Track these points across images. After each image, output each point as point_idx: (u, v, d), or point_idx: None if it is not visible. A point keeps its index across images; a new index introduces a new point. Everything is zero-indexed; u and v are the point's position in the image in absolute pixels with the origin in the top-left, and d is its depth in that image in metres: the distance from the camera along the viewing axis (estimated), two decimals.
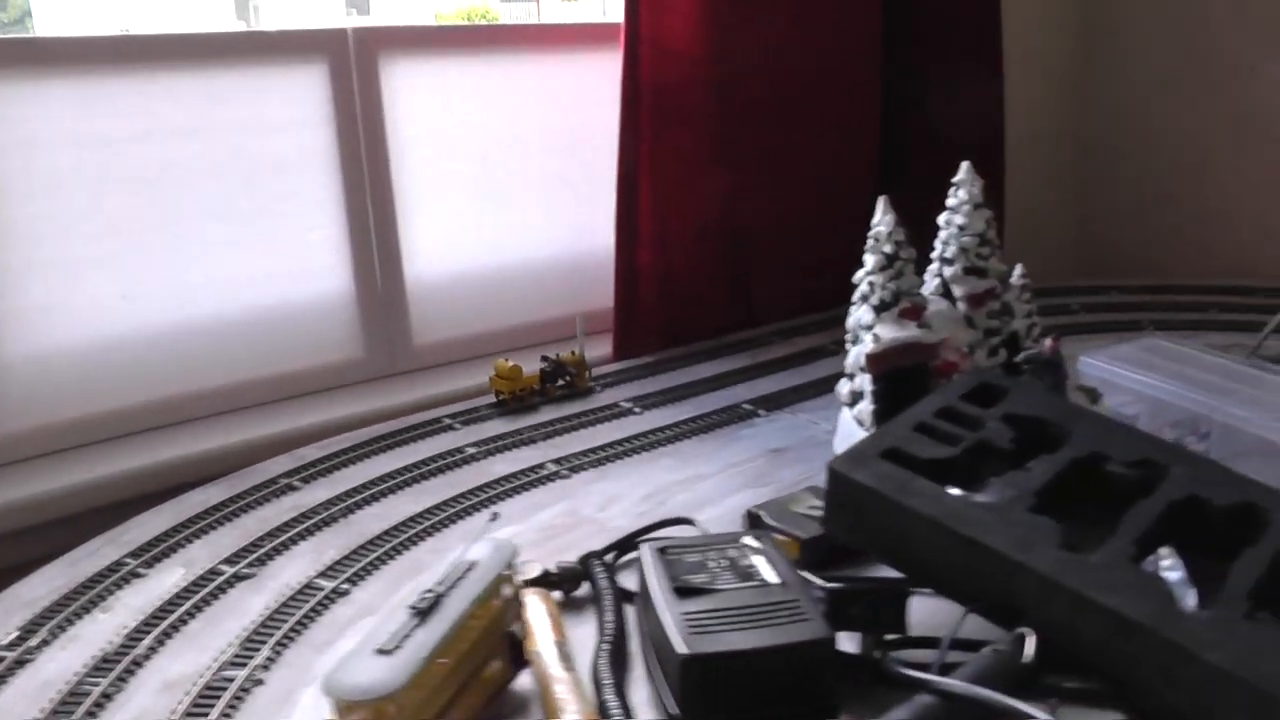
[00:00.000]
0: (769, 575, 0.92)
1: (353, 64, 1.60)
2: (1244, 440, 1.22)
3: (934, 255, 1.29)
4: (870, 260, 1.22)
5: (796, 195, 1.89)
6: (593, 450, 1.40)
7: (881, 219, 1.21)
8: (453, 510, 1.24)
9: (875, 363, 1.19)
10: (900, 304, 1.22)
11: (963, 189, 1.26)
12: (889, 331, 1.20)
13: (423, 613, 0.82)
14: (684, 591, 0.90)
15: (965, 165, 1.27)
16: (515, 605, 0.92)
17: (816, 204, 1.90)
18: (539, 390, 1.55)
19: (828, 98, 1.88)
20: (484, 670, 0.87)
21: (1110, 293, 2.00)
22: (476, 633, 0.85)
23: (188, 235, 1.51)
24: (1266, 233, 2.17)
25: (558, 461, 1.36)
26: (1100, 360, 1.39)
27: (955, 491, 0.97)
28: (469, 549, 0.89)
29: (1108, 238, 2.43)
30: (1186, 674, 0.79)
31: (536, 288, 1.84)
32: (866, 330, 1.22)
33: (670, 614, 0.87)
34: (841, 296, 1.29)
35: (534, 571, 1.03)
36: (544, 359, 1.53)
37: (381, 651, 0.78)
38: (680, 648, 0.83)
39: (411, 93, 1.66)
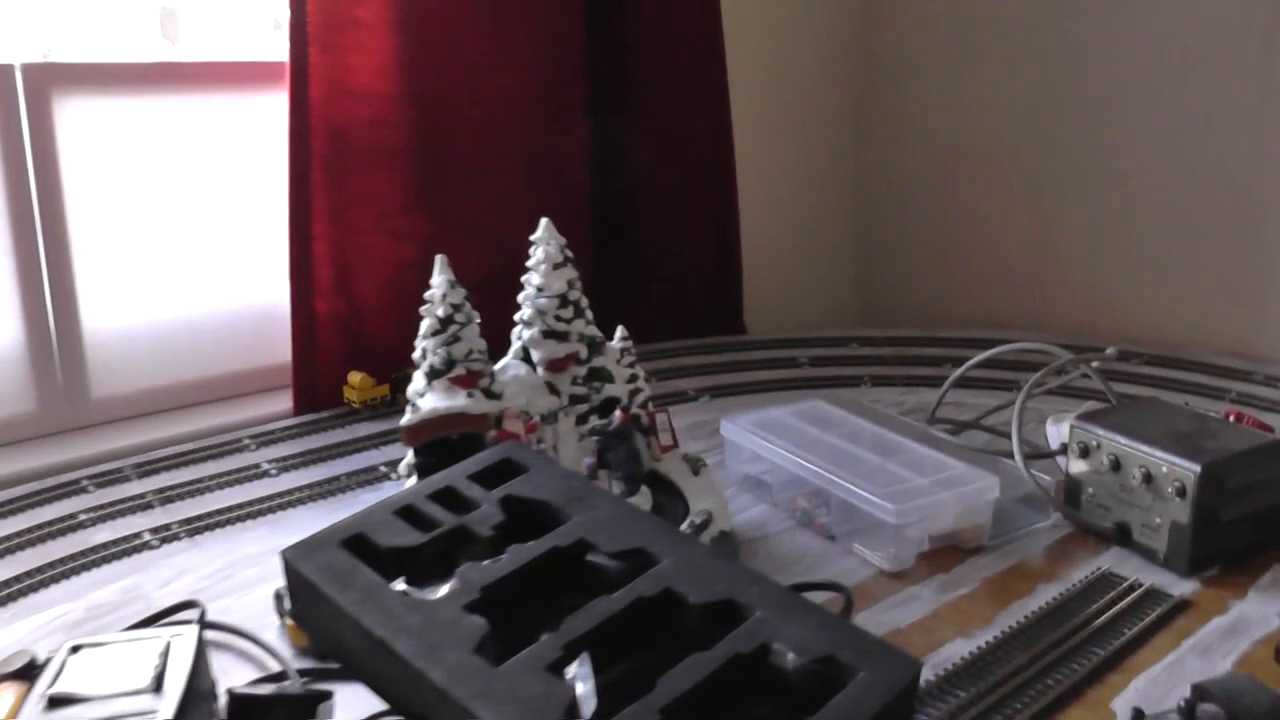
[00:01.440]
0: (162, 680, 0.86)
1: (21, 102, 1.52)
2: (859, 516, 1.19)
3: (516, 317, 1.18)
4: (424, 324, 1.12)
5: (504, 238, 1.75)
6: (214, 513, 1.35)
7: (437, 279, 1.12)
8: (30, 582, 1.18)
9: (410, 435, 1.10)
10: (454, 370, 1.11)
11: (541, 247, 1.18)
12: (432, 401, 1.11)
13: None
14: (57, 702, 0.83)
15: (544, 222, 1.18)
16: None
17: (522, 253, 1.77)
18: (390, 400, 1.64)
19: (536, 136, 1.81)
20: None
21: (851, 344, 1.94)
22: None
23: None
24: (1046, 287, 2.13)
25: (157, 530, 1.31)
26: (741, 425, 1.35)
27: (401, 586, 0.90)
28: None
29: (889, 287, 2.36)
30: None
31: (222, 338, 1.76)
32: (420, 398, 1.11)
33: None
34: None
35: (19, 661, 0.95)
36: (396, 371, 1.59)
37: None
38: None
39: (90, 132, 1.59)
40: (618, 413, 1.17)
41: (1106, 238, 2.01)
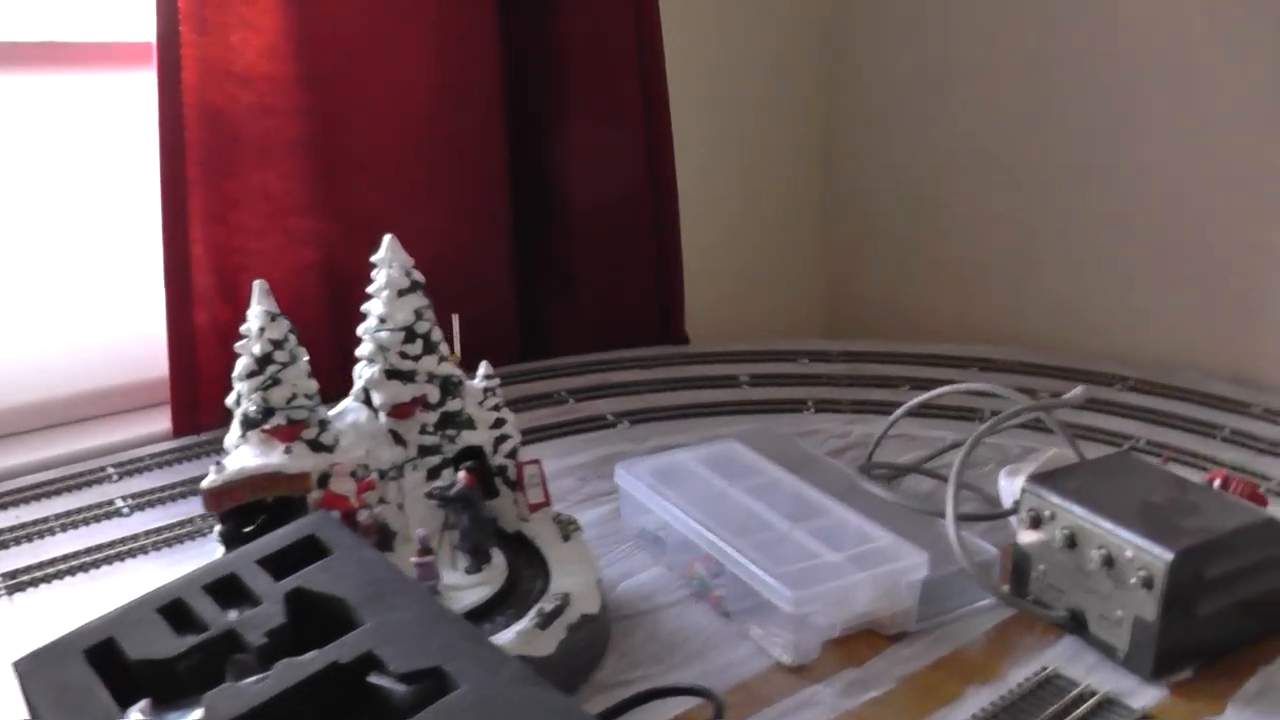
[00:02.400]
0: None
1: None
2: (749, 596, 1.00)
3: (357, 352, 0.97)
4: (239, 363, 0.91)
5: (414, 240, 1.54)
6: (45, 564, 1.18)
7: (254, 310, 0.93)
8: None
9: (212, 499, 0.92)
10: (272, 420, 0.90)
11: (383, 269, 0.96)
12: (241, 458, 0.90)
13: None
14: None
15: (388, 239, 0.96)
16: None
17: (441, 248, 1.57)
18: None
19: (448, 126, 1.62)
20: None
21: (800, 359, 1.74)
22: None
23: None
24: (1021, 297, 1.91)
25: None
26: (637, 472, 1.16)
27: (138, 715, 0.73)
28: None
29: (857, 293, 2.16)
30: None
31: (95, 350, 1.58)
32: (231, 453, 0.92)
33: None
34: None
35: None
36: None
37: None
38: None
39: None
40: (461, 473, 0.96)
41: (1092, 243, 1.79)
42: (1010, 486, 1.15)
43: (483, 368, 1.05)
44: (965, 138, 1.90)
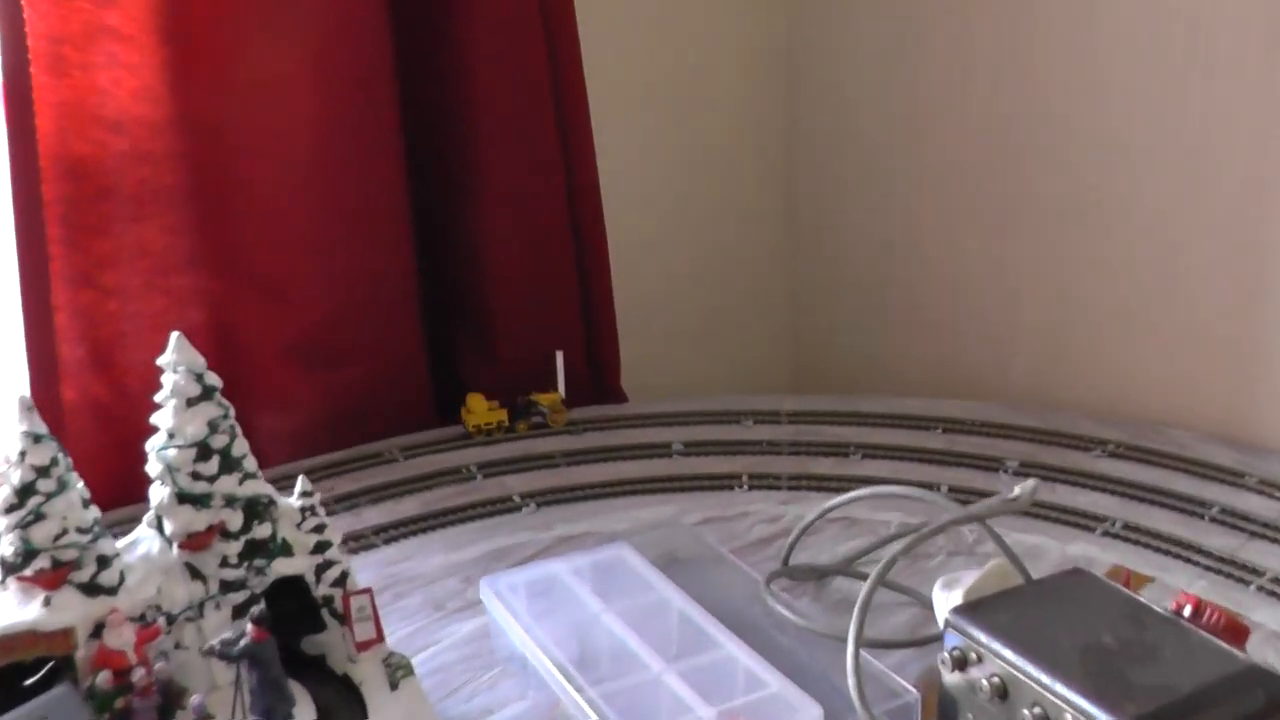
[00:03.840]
0: None
1: None
2: None
3: (147, 468, 0.79)
4: None
5: (309, 298, 1.47)
6: None
7: (14, 431, 0.76)
8: None
9: None
10: (35, 563, 0.73)
11: (169, 374, 0.78)
12: None
13: None
14: None
15: (174, 337, 0.79)
16: None
17: (339, 303, 1.50)
18: (509, 427, 1.50)
19: (341, 170, 1.46)
20: None
21: (744, 420, 1.57)
22: None
23: None
24: (999, 347, 1.73)
25: None
26: (502, 587, 1.00)
27: None
28: None
29: (828, 345, 1.97)
30: None
31: None
32: None
33: None
34: (346, 436, 1.17)
35: None
36: (519, 396, 1.47)
37: None
38: None
39: None
40: (249, 626, 0.77)
41: (1076, 285, 1.60)
42: (947, 599, 0.96)
43: (300, 483, 0.87)
44: (938, 175, 1.72)
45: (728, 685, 0.85)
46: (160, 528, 0.85)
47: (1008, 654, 0.81)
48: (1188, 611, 0.86)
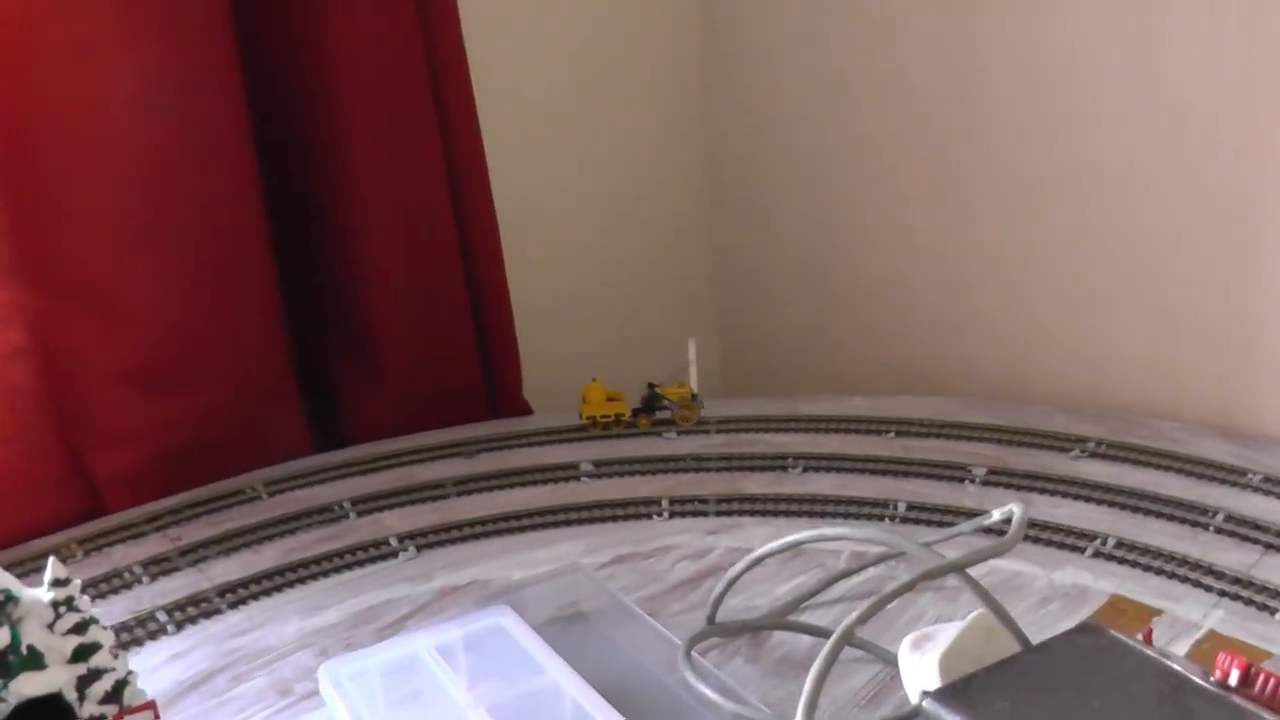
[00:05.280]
0: None
1: None
2: None
3: None
4: None
5: (143, 312, 1.24)
6: None
7: None
8: None
9: None
10: None
11: None
12: None
13: None
14: None
15: None
16: None
17: (184, 319, 1.28)
18: (629, 420, 1.33)
19: (175, 158, 1.22)
20: None
21: (666, 434, 1.35)
22: None
23: None
24: (955, 335, 1.52)
25: None
26: (345, 673, 0.80)
27: None
28: None
29: (761, 341, 1.76)
30: None
31: None
32: None
33: None
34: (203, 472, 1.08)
35: None
36: (650, 386, 1.31)
37: None
38: None
39: None
40: None
41: (1041, 262, 1.40)
42: (913, 672, 0.73)
43: (50, 568, 0.62)
44: (877, 148, 1.52)
45: None
46: None
47: None
48: (1234, 679, 0.63)
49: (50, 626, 0.66)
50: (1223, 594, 0.96)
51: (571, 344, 1.59)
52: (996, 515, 0.80)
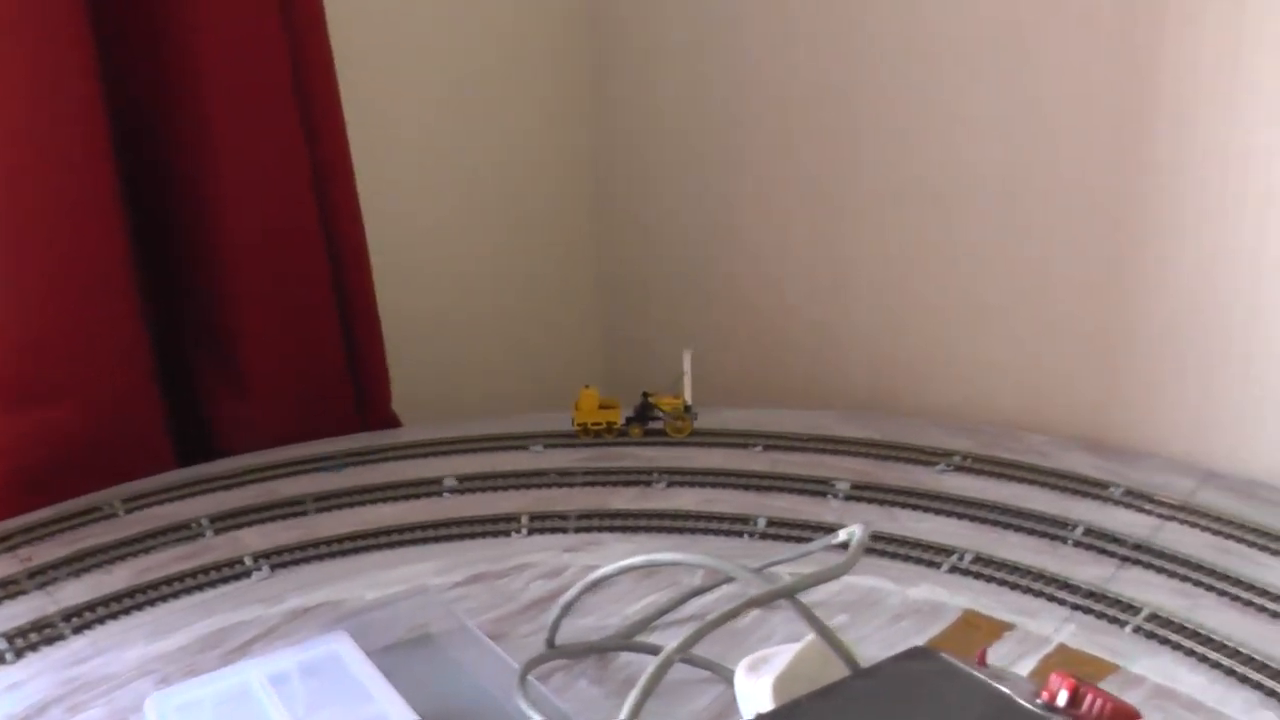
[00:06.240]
0: None
1: None
2: None
3: None
4: None
5: None
6: None
7: None
8: None
9: None
10: None
11: None
12: None
13: None
14: None
15: None
16: None
17: (28, 329, 1.23)
18: (621, 429, 1.30)
19: (27, 149, 1.17)
20: None
21: (533, 445, 1.33)
22: None
23: None
24: (832, 344, 1.52)
25: None
26: (171, 706, 0.78)
27: None
28: None
29: (645, 351, 1.74)
30: None
31: None
32: None
33: None
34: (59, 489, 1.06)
35: None
36: (644, 395, 1.27)
37: None
38: None
39: None
40: None
41: (916, 275, 1.40)
42: (748, 695, 0.72)
43: None
44: (758, 158, 1.51)
45: None
46: None
47: None
48: (1063, 699, 0.63)
49: None
50: (1076, 607, 0.96)
51: (450, 354, 1.56)
52: (843, 535, 0.79)
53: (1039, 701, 0.65)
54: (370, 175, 1.37)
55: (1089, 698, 0.65)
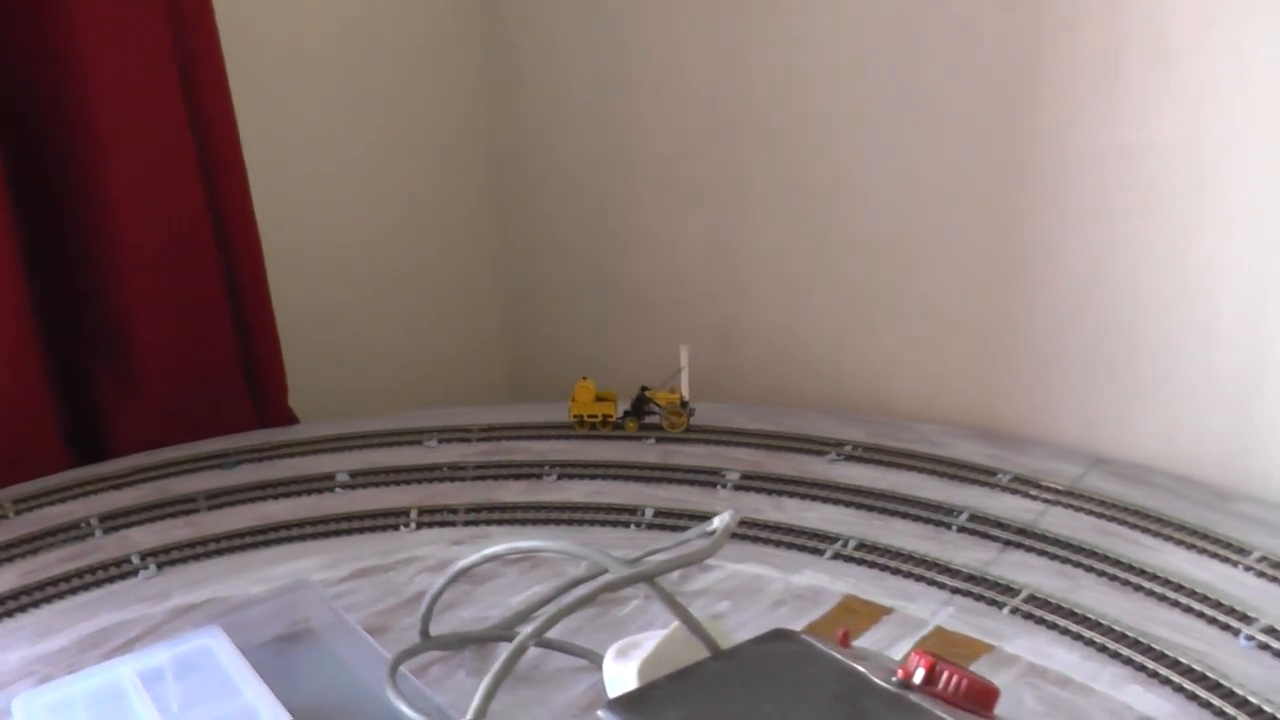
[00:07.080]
0: None
1: None
2: None
3: None
4: None
5: None
6: None
7: None
8: None
9: None
10: None
11: None
12: None
13: None
14: None
15: None
16: None
17: None
18: (617, 422, 1.29)
19: None
20: None
21: (427, 440, 1.34)
22: None
23: None
24: (731, 338, 1.52)
25: None
26: (39, 705, 0.77)
27: None
28: None
29: (547, 344, 1.75)
30: None
31: None
32: None
33: None
34: None
35: None
36: (642, 389, 1.26)
37: None
38: None
39: None
40: None
41: (812, 268, 1.41)
42: (615, 680, 0.73)
43: None
44: (655, 155, 1.52)
45: None
46: None
47: None
48: (919, 677, 0.64)
49: None
50: (956, 591, 0.98)
51: (348, 349, 1.56)
52: (716, 523, 0.80)
53: (894, 679, 0.66)
54: (262, 168, 1.35)
55: (945, 674, 0.66)
